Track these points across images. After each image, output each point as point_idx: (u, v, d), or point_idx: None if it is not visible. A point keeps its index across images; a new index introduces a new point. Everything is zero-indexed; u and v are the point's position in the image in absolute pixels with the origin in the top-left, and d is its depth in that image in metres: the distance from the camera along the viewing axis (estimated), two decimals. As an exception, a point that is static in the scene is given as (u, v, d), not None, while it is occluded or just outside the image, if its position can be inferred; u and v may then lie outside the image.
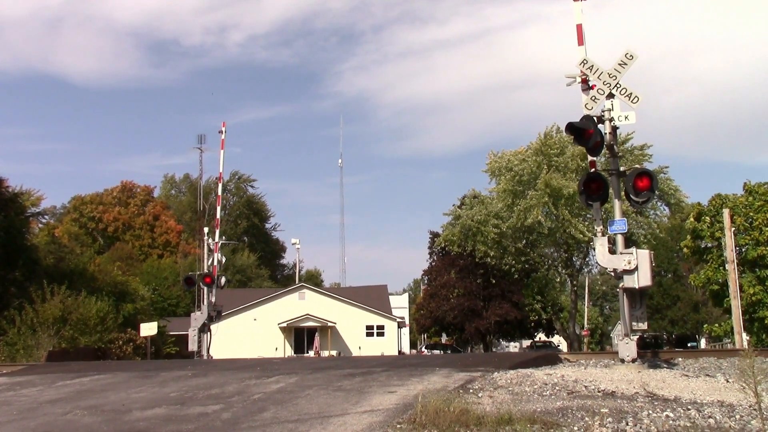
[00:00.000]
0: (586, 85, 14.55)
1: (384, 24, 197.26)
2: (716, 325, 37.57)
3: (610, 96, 14.14)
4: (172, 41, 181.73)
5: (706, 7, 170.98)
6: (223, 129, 31.04)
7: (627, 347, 13.45)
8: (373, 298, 65.89)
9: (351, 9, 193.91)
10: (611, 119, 14.08)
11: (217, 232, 29.98)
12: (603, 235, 14.19)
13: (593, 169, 14.56)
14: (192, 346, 27.85)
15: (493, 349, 68.11)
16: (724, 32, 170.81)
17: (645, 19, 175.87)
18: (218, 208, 31.68)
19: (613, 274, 13.94)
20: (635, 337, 13.67)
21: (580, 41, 14.96)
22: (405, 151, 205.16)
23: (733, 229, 29.19)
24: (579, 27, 15.11)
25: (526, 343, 76.19)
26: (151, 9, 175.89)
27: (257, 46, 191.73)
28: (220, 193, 32.89)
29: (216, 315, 28.34)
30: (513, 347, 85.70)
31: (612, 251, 13.94)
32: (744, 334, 28.30)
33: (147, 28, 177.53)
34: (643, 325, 13.78)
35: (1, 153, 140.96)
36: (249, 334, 58.35)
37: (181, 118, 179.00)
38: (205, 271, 28.99)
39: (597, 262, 14.13)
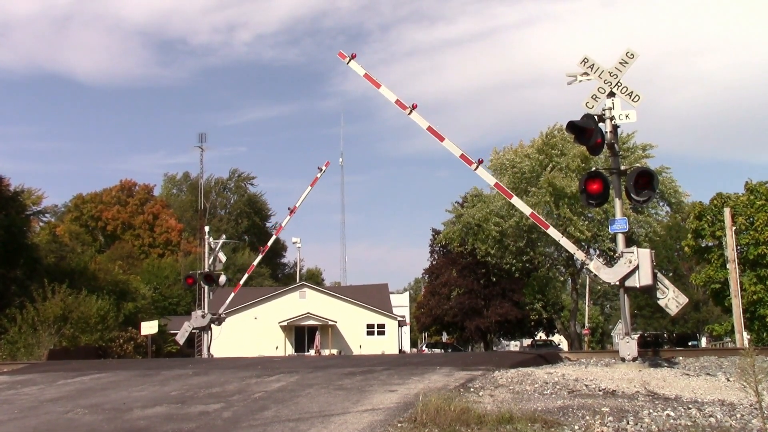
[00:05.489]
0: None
1: (392, 23, 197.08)
2: (717, 324, 37.58)
3: (611, 95, 14.16)
4: (180, 40, 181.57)
5: (710, 8, 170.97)
6: (324, 168, 29.04)
7: (628, 346, 13.47)
8: (374, 296, 65.86)
9: (359, 8, 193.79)
10: (612, 118, 14.09)
11: (259, 257, 30.39)
12: (590, 259, 14.75)
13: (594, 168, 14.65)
14: (180, 339, 28.05)
15: (494, 348, 68.13)
16: (727, 32, 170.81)
17: (649, 19, 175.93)
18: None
19: (618, 283, 13.90)
20: (636, 336, 13.73)
21: (440, 138, 16.46)
22: (409, 149, 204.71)
23: (734, 228, 29.19)
24: (431, 129, 16.54)
25: (527, 341, 76.19)
26: (159, 8, 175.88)
27: (264, 45, 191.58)
28: (284, 225, 31.72)
29: (218, 321, 28.44)
30: (513, 346, 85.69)
31: (609, 264, 14.08)
32: (745, 333, 28.30)
33: (155, 26, 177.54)
34: (684, 299, 13.90)
35: (5, 151, 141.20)
36: (250, 332, 58.36)
37: (186, 118, 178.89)
38: (206, 269, 28.99)
39: (604, 282, 14.39)
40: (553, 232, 15.98)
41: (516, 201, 17.37)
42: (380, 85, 16.99)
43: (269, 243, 31.51)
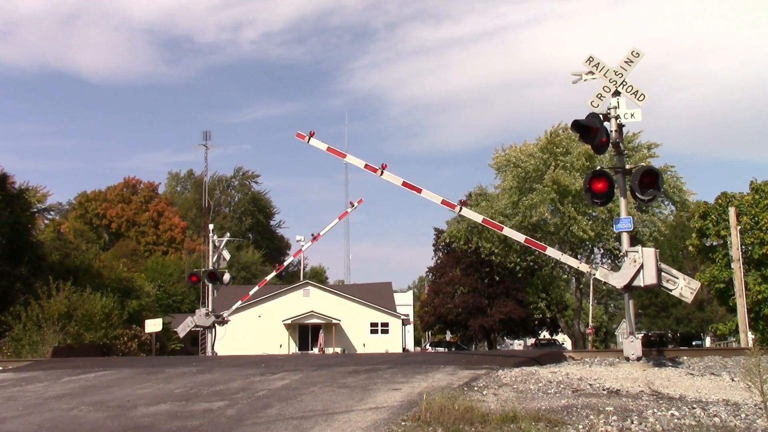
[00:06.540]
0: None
1: (398, 21, 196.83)
2: (721, 323, 37.49)
3: (616, 94, 14.13)
4: (186, 38, 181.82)
5: (715, 7, 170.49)
6: (356, 204, 30.60)
7: (632, 345, 13.44)
8: (378, 295, 65.85)
9: (366, 7, 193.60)
10: (617, 117, 14.06)
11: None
12: (595, 268, 14.92)
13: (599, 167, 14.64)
14: (181, 332, 28.35)
15: (498, 347, 68.08)
16: (732, 31, 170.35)
17: (655, 18, 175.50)
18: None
19: (623, 288, 13.86)
20: (640, 336, 13.71)
21: (417, 191, 16.92)
22: (415, 148, 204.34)
23: (738, 227, 29.11)
24: (406, 184, 17.10)
25: (531, 341, 76.12)
26: (166, 6, 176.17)
27: (271, 43, 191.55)
28: (304, 249, 32.64)
29: (221, 323, 28.55)
30: (517, 345, 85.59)
31: (615, 268, 14.11)
32: (749, 333, 28.23)
33: (161, 25, 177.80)
34: (696, 284, 13.93)
35: (10, 149, 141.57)
36: (253, 330, 58.38)
37: (191, 116, 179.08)
38: (210, 267, 29.04)
39: (614, 287, 14.42)
40: (552, 252, 16.03)
41: (508, 231, 17.47)
42: (345, 155, 17.19)
43: (285, 263, 32.23)
